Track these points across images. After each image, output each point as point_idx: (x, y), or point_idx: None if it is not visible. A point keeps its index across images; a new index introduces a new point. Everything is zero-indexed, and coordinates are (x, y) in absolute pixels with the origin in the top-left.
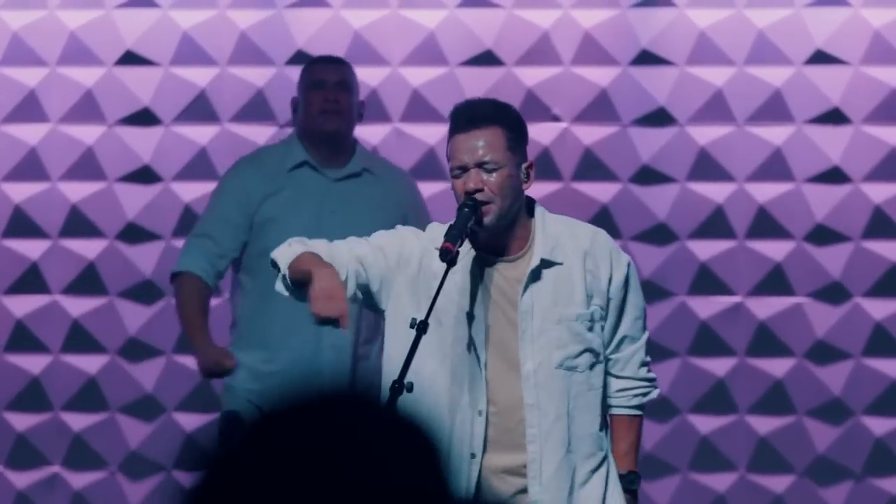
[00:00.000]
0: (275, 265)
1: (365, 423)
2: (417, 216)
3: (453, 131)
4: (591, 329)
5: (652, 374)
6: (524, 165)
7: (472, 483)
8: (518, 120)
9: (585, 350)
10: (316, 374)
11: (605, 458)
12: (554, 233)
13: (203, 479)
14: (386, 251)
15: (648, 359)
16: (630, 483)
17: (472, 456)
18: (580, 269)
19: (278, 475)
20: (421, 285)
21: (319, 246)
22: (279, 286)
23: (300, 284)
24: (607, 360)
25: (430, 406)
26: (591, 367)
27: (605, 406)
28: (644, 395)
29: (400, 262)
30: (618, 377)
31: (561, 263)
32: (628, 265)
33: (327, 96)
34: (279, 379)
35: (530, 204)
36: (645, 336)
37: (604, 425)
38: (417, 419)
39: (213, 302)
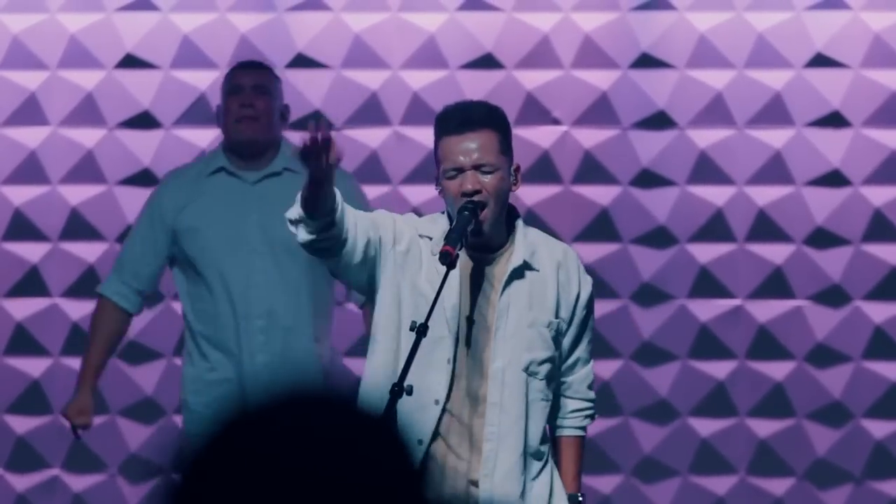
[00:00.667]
0: (291, 222)
1: (336, 423)
2: None
3: (444, 133)
4: (555, 339)
5: (594, 395)
6: (512, 168)
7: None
8: (507, 123)
9: (549, 359)
10: (285, 376)
11: (546, 464)
12: (532, 241)
13: (168, 486)
14: (382, 220)
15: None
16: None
17: (420, 442)
18: (553, 279)
19: (247, 481)
20: (409, 265)
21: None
22: (303, 235)
23: (311, 200)
24: (561, 382)
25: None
26: (549, 379)
27: (551, 424)
28: (591, 416)
29: (395, 236)
30: (571, 398)
31: (538, 271)
32: (592, 285)
33: (243, 101)
34: (226, 387)
35: (510, 209)
36: (591, 360)
37: (546, 439)
38: (391, 419)
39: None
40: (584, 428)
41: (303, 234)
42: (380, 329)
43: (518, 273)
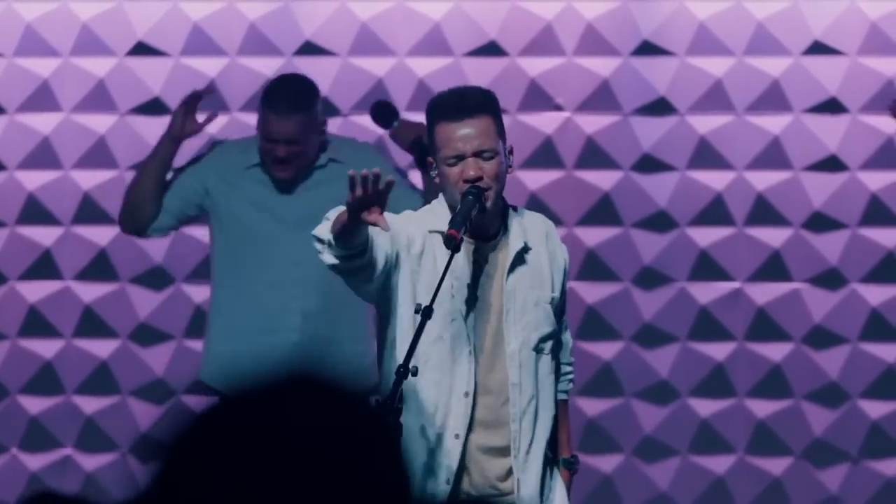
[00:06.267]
0: (319, 240)
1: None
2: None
3: (441, 119)
4: (554, 313)
5: (573, 360)
6: (507, 150)
7: (454, 463)
8: (499, 106)
9: (552, 333)
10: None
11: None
12: (522, 220)
13: (165, 463)
14: (395, 231)
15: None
16: (573, 465)
17: (456, 437)
18: (546, 254)
19: (238, 459)
20: (424, 265)
21: None
22: (329, 258)
23: (344, 234)
24: None
25: (421, 388)
26: (553, 353)
27: None
28: (572, 379)
29: (408, 241)
30: (559, 363)
31: (532, 249)
32: (566, 250)
33: (277, 153)
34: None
35: None
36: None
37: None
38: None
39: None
40: (567, 392)
41: (328, 258)
42: (403, 331)
43: (521, 257)
